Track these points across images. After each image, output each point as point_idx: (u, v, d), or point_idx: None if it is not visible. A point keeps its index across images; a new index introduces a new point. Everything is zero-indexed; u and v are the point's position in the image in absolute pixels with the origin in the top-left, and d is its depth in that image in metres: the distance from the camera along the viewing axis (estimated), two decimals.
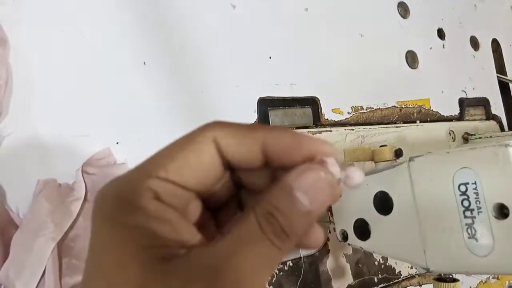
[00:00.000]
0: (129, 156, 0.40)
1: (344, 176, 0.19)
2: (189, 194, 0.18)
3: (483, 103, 0.79)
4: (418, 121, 0.67)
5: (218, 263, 0.16)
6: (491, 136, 0.69)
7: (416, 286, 0.59)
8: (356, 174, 0.19)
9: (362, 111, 0.60)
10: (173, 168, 0.18)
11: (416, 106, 0.67)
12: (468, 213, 0.32)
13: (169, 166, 0.18)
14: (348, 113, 0.59)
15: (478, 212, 0.32)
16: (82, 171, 0.37)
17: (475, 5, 0.84)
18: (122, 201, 0.17)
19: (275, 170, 0.20)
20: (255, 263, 0.17)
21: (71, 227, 0.36)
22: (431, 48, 0.72)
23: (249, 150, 0.19)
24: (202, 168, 0.18)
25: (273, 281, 0.47)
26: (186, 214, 0.19)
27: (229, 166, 0.19)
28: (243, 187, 0.21)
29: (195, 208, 0.19)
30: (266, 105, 0.50)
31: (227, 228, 0.18)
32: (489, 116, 0.80)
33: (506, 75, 0.85)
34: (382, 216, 0.39)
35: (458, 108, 0.74)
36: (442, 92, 0.72)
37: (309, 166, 0.18)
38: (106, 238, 0.17)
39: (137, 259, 0.16)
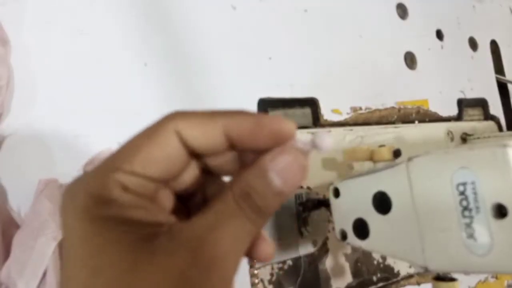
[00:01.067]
0: None
1: (312, 145, 0.20)
2: (156, 184, 0.19)
3: (482, 103, 0.79)
4: (416, 122, 0.67)
5: (200, 235, 0.17)
6: (489, 136, 0.69)
7: (414, 285, 0.60)
8: (325, 140, 0.20)
9: (361, 111, 0.60)
10: (137, 161, 0.18)
11: (415, 106, 0.68)
12: (466, 213, 0.32)
13: (133, 159, 0.18)
14: (347, 113, 0.59)
15: (477, 212, 0.32)
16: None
17: (473, 6, 0.84)
18: (92, 196, 0.18)
19: (240, 152, 0.21)
20: (234, 236, 0.18)
21: None
22: (429, 49, 0.73)
23: (211, 137, 0.19)
24: (166, 159, 0.19)
25: (273, 280, 0.47)
26: (157, 203, 0.19)
27: (194, 154, 0.20)
28: (210, 172, 0.22)
29: (166, 197, 0.20)
30: (266, 105, 0.51)
31: (202, 211, 0.19)
32: (488, 116, 0.80)
33: (504, 76, 0.85)
34: (381, 216, 0.39)
35: (457, 109, 0.74)
36: (441, 93, 0.72)
37: (282, 149, 0.19)
38: (83, 231, 0.17)
39: (121, 243, 0.17)
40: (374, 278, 0.55)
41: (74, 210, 0.18)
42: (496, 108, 0.82)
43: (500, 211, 0.31)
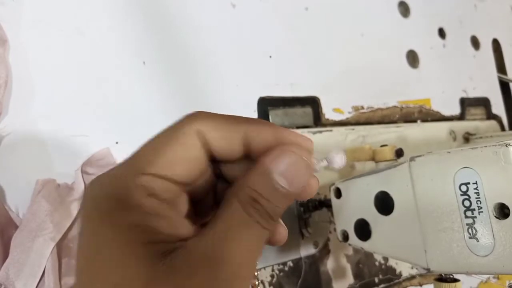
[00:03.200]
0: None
1: (326, 163, 0.20)
2: (178, 188, 0.19)
3: (484, 102, 0.79)
4: (419, 121, 0.67)
5: (215, 250, 0.17)
6: (492, 136, 0.69)
7: (416, 286, 0.59)
8: (337, 159, 0.20)
9: (363, 110, 0.60)
10: (161, 163, 0.18)
11: (417, 105, 0.67)
12: (469, 213, 0.32)
13: (157, 161, 0.18)
14: (349, 112, 0.59)
15: (479, 212, 0.31)
16: (82, 171, 0.37)
17: (475, 5, 0.83)
18: (116, 200, 0.17)
19: (253, 161, 0.20)
20: (248, 245, 0.18)
21: (71, 227, 0.36)
22: (431, 47, 0.72)
23: (232, 143, 0.19)
24: (189, 162, 0.19)
25: (273, 281, 0.47)
26: (177, 208, 0.19)
27: (211, 158, 0.20)
28: (220, 178, 0.22)
29: (184, 201, 0.20)
30: (266, 104, 0.50)
31: (210, 217, 0.18)
32: (490, 115, 0.79)
33: (506, 75, 0.85)
34: (383, 216, 0.39)
35: (459, 108, 0.74)
36: (443, 92, 0.72)
37: (283, 148, 0.19)
38: (104, 238, 0.17)
39: (140, 257, 0.17)
40: (376, 280, 0.55)
41: (96, 214, 0.17)
42: (498, 107, 0.82)
43: (502, 211, 0.30)
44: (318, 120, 0.55)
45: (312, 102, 0.55)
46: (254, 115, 0.49)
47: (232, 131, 0.19)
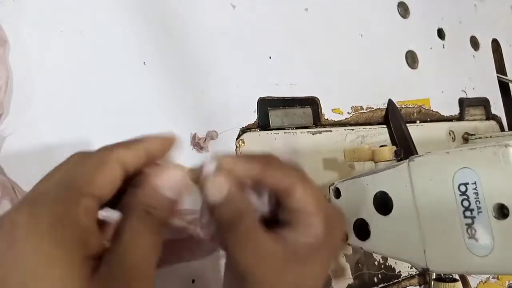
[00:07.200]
0: None
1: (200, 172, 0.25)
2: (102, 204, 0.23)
3: (483, 103, 0.79)
4: (418, 121, 0.67)
5: (127, 259, 0.21)
6: (491, 136, 0.69)
7: (416, 286, 0.59)
8: (209, 165, 0.25)
9: (362, 111, 0.60)
10: (96, 186, 0.22)
11: (416, 106, 0.67)
12: (468, 213, 0.32)
13: (93, 185, 0.22)
14: (348, 113, 0.59)
15: (478, 212, 0.32)
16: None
17: (475, 5, 0.84)
18: (58, 218, 0.20)
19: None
20: (148, 250, 0.22)
21: None
22: (431, 48, 0.72)
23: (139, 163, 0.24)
24: (114, 183, 0.23)
25: None
26: (108, 225, 0.24)
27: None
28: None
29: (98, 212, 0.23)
30: (266, 105, 0.50)
31: (121, 232, 0.22)
32: (489, 116, 0.80)
33: (506, 75, 0.85)
34: (382, 216, 0.39)
35: (458, 108, 0.74)
36: (442, 92, 0.72)
37: (163, 167, 0.24)
38: (47, 254, 0.19)
39: (80, 272, 0.20)
40: (375, 279, 0.55)
41: (39, 230, 0.19)
42: (497, 107, 0.82)
43: (501, 212, 0.31)
44: (317, 121, 0.55)
45: (312, 103, 0.55)
46: (254, 115, 0.49)
47: (139, 157, 0.24)
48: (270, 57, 0.52)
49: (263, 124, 0.50)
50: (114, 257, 0.21)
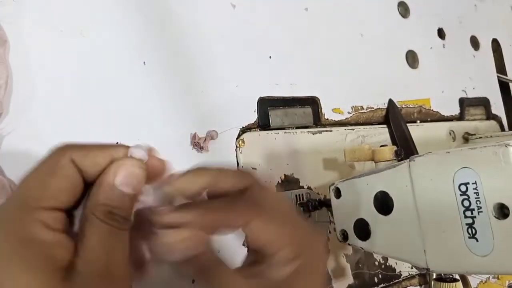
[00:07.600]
0: None
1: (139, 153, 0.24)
2: (64, 214, 0.22)
3: (483, 103, 0.79)
4: (418, 121, 0.67)
5: (93, 264, 0.21)
6: (491, 136, 0.69)
7: (416, 286, 0.59)
8: (136, 151, 0.23)
9: (363, 111, 0.60)
10: (49, 196, 0.21)
11: (417, 106, 0.67)
12: (468, 213, 0.32)
13: (45, 195, 0.21)
14: (349, 113, 0.59)
15: (479, 212, 0.32)
16: None
17: (475, 5, 0.84)
18: (19, 239, 0.20)
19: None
20: (113, 247, 0.21)
21: None
22: (431, 47, 0.72)
23: (97, 165, 0.23)
24: (70, 189, 0.22)
25: None
26: (69, 233, 0.22)
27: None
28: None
29: (64, 218, 0.22)
30: (266, 104, 0.50)
31: (85, 237, 0.22)
32: (490, 116, 0.79)
33: (506, 75, 0.85)
34: (382, 216, 0.39)
35: (459, 108, 0.74)
36: (442, 92, 0.72)
37: (118, 164, 0.22)
38: (11, 276, 0.19)
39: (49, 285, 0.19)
40: (376, 279, 0.55)
41: (6, 258, 0.19)
42: (498, 107, 0.82)
43: (502, 211, 0.31)
44: (317, 120, 0.55)
45: (312, 102, 0.55)
46: (254, 115, 0.49)
47: (96, 157, 0.23)
48: (270, 57, 0.52)
49: (263, 124, 0.50)
50: (81, 263, 0.21)
